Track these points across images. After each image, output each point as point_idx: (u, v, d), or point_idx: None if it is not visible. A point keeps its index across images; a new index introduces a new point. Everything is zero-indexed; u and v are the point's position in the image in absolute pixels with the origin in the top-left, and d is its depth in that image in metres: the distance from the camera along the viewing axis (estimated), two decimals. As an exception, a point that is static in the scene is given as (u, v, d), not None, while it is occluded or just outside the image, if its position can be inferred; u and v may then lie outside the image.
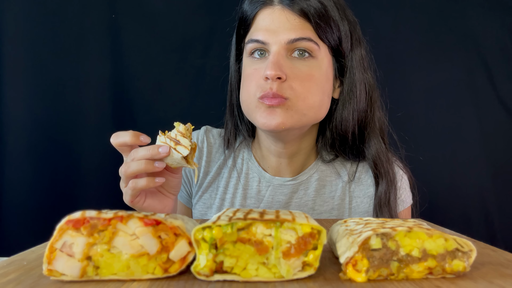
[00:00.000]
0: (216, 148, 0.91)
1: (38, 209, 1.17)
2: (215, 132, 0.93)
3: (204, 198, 0.89)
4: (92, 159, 1.19)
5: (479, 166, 1.29)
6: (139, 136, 0.62)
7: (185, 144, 0.61)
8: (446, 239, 0.42)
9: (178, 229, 0.42)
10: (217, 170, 0.89)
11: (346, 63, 0.81)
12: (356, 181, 0.88)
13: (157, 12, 1.24)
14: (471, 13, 1.29)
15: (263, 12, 0.78)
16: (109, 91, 1.22)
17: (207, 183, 0.89)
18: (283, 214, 0.44)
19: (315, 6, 0.75)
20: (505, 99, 1.29)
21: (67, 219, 0.42)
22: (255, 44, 0.77)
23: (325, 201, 0.87)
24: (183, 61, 1.25)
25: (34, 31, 1.19)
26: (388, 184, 0.84)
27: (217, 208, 0.87)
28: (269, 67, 0.73)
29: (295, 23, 0.75)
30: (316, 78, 0.77)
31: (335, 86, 0.84)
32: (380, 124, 0.86)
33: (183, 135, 0.62)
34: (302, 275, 0.42)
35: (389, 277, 0.42)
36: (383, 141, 0.86)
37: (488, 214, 1.29)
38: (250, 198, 0.87)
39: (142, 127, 1.22)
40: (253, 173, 0.88)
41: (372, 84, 0.85)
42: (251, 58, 0.80)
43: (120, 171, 0.65)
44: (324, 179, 0.88)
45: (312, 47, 0.76)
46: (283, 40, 0.75)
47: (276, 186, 0.86)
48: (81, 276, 0.41)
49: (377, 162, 0.84)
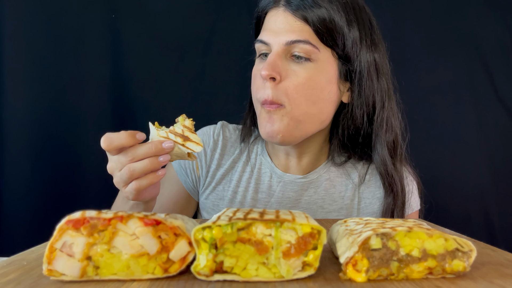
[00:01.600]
0: (231, 143, 0.92)
1: (38, 209, 1.17)
2: (231, 127, 0.95)
3: (217, 190, 0.90)
4: (92, 159, 1.19)
5: (479, 166, 1.29)
6: (135, 135, 0.59)
7: (196, 140, 0.60)
8: (446, 239, 0.42)
9: (178, 229, 0.42)
10: (231, 163, 0.90)
11: (354, 67, 0.80)
12: (366, 183, 0.89)
13: (157, 12, 1.24)
14: (471, 13, 1.29)
15: (270, 13, 0.80)
16: (109, 91, 1.22)
17: (221, 176, 0.90)
18: (283, 214, 0.44)
19: (318, 12, 0.75)
20: (505, 99, 1.29)
21: (67, 219, 0.42)
22: (261, 45, 0.80)
23: (335, 200, 0.88)
24: (183, 61, 1.25)
25: (34, 31, 1.18)
26: (395, 198, 0.84)
27: (229, 200, 0.88)
28: (264, 67, 0.75)
29: (295, 25, 0.76)
30: (314, 81, 0.77)
31: (343, 90, 0.82)
32: (393, 134, 0.84)
33: (190, 130, 0.60)
34: (302, 275, 0.42)
35: (389, 277, 0.42)
36: (393, 151, 0.84)
37: (488, 214, 1.29)
38: (261, 192, 0.88)
39: (142, 127, 1.22)
40: (265, 168, 0.89)
41: (386, 91, 0.83)
42: (259, 59, 0.82)
43: (114, 171, 0.62)
44: (334, 180, 0.89)
45: (310, 50, 0.76)
46: (281, 41, 0.76)
47: (287, 182, 0.88)
48: (81, 276, 0.41)
49: (382, 172, 0.84)
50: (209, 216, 0.90)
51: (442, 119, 1.29)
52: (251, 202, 0.87)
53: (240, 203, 0.88)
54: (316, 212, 0.87)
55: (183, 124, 0.60)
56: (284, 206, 0.86)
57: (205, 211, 0.92)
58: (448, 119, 1.29)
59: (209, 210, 0.90)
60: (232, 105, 1.11)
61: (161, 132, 0.60)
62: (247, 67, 0.93)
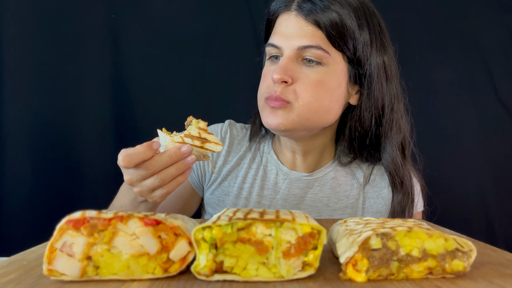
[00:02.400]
0: (238, 141, 0.93)
1: (38, 209, 1.17)
2: (238, 126, 0.97)
3: (223, 185, 0.91)
4: (92, 159, 1.20)
5: (479, 166, 1.29)
6: (152, 147, 0.58)
7: (214, 140, 0.59)
8: (446, 239, 0.42)
9: (178, 229, 0.42)
10: (238, 160, 0.91)
11: (364, 70, 0.81)
12: (370, 183, 0.90)
13: (157, 12, 1.24)
14: (471, 13, 1.29)
15: (281, 17, 0.81)
16: (109, 91, 1.22)
17: (227, 172, 0.90)
18: (283, 214, 0.44)
19: (330, 17, 0.76)
20: (505, 99, 1.29)
21: (67, 219, 0.42)
22: (272, 48, 0.81)
23: (340, 199, 0.89)
24: (183, 61, 1.25)
25: (34, 31, 1.18)
26: (404, 197, 0.84)
27: (235, 196, 0.89)
28: (276, 70, 0.76)
29: (307, 30, 0.77)
30: (324, 84, 0.78)
31: (352, 92, 0.83)
32: (401, 135, 0.85)
33: (206, 131, 0.60)
34: (302, 275, 0.42)
35: (389, 277, 0.42)
36: (402, 153, 0.85)
37: (488, 214, 1.29)
38: (267, 189, 0.89)
39: (142, 127, 1.23)
40: (271, 166, 0.90)
41: (395, 94, 0.84)
42: (269, 61, 0.83)
43: (134, 183, 0.60)
44: (340, 179, 0.90)
45: (321, 55, 0.77)
46: (293, 46, 0.77)
47: (292, 180, 0.89)
48: (81, 276, 0.41)
49: (392, 173, 0.84)
50: (214, 212, 0.91)
51: (442, 119, 1.29)
52: (257, 198, 0.88)
53: (245, 199, 0.88)
54: (321, 210, 0.88)
55: (197, 126, 0.60)
56: (290, 203, 0.87)
57: (210, 206, 0.92)
58: (448, 119, 1.29)
59: (214, 205, 0.91)
60: (232, 105, 1.12)
61: (175, 137, 0.59)
62: (247, 67, 0.93)
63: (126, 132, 1.22)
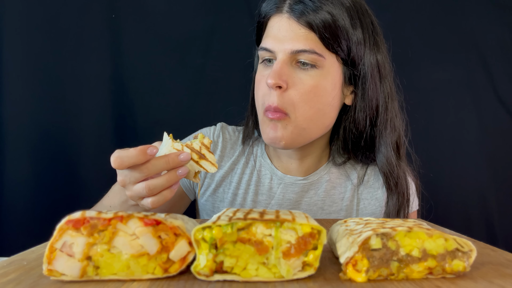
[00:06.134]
0: (231, 144, 0.92)
1: (38, 209, 1.17)
2: (230, 129, 0.95)
3: (218, 192, 0.90)
4: (92, 159, 1.19)
5: (479, 166, 1.29)
6: (146, 152, 0.56)
7: (212, 160, 0.58)
8: (446, 239, 0.42)
9: (178, 229, 0.42)
10: (231, 165, 0.90)
11: (358, 70, 0.80)
12: (364, 183, 0.89)
13: (157, 12, 1.24)
14: (471, 13, 1.28)
15: (273, 20, 0.79)
16: (109, 91, 1.22)
17: (220, 177, 0.89)
18: (283, 214, 0.44)
19: (322, 17, 0.74)
20: (505, 99, 1.29)
21: (67, 219, 0.42)
22: (264, 52, 0.79)
23: (335, 202, 0.88)
24: (183, 61, 1.25)
25: (34, 31, 1.18)
26: (399, 197, 0.83)
27: (229, 202, 0.88)
28: (270, 75, 0.74)
29: (300, 33, 0.75)
30: (320, 88, 0.76)
31: (346, 93, 0.82)
32: (396, 134, 0.84)
33: (208, 149, 0.58)
34: (302, 275, 0.42)
35: (389, 277, 0.42)
36: (397, 152, 0.84)
37: (488, 214, 1.29)
38: (261, 194, 0.88)
39: (142, 127, 1.23)
40: (265, 170, 0.89)
41: (389, 93, 0.83)
42: (262, 64, 0.81)
43: (127, 185, 0.59)
44: (334, 181, 0.89)
45: (316, 58, 0.75)
46: (287, 49, 0.75)
47: (287, 184, 0.88)
48: (81, 276, 0.41)
49: (386, 173, 0.83)
50: (209, 218, 0.89)
51: (442, 119, 1.29)
52: (251, 204, 0.87)
53: (240, 205, 0.87)
54: (316, 214, 0.87)
55: (201, 141, 0.59)
56: (285, 208, 0.87)
57: (205, 212, 0.92)
58: (448, 119, 1.29)
59: (209, 212, 0.90)
60: (232, 105, 1.11)
61: (176, 144, 0.58)
62: (247, 67, 0.93)
63: (126, 132, 1.22)
